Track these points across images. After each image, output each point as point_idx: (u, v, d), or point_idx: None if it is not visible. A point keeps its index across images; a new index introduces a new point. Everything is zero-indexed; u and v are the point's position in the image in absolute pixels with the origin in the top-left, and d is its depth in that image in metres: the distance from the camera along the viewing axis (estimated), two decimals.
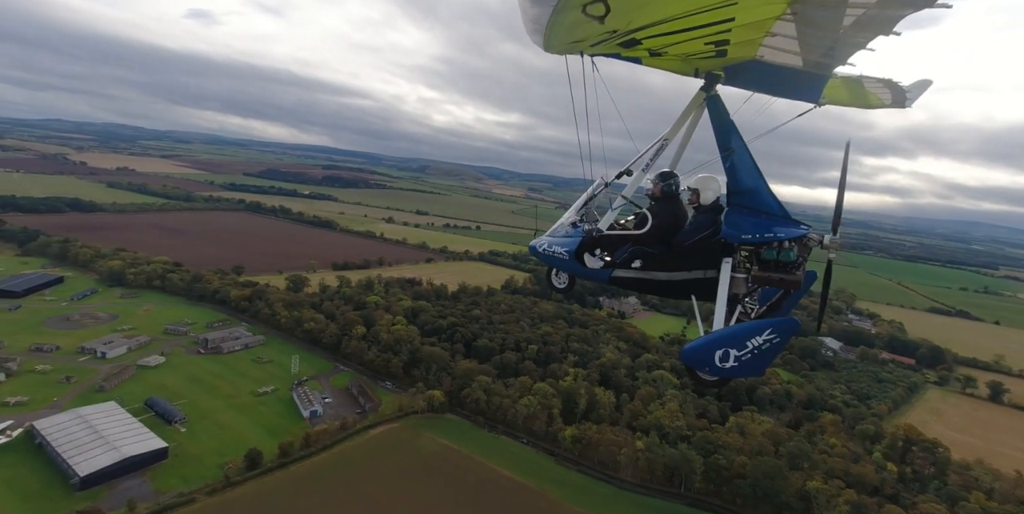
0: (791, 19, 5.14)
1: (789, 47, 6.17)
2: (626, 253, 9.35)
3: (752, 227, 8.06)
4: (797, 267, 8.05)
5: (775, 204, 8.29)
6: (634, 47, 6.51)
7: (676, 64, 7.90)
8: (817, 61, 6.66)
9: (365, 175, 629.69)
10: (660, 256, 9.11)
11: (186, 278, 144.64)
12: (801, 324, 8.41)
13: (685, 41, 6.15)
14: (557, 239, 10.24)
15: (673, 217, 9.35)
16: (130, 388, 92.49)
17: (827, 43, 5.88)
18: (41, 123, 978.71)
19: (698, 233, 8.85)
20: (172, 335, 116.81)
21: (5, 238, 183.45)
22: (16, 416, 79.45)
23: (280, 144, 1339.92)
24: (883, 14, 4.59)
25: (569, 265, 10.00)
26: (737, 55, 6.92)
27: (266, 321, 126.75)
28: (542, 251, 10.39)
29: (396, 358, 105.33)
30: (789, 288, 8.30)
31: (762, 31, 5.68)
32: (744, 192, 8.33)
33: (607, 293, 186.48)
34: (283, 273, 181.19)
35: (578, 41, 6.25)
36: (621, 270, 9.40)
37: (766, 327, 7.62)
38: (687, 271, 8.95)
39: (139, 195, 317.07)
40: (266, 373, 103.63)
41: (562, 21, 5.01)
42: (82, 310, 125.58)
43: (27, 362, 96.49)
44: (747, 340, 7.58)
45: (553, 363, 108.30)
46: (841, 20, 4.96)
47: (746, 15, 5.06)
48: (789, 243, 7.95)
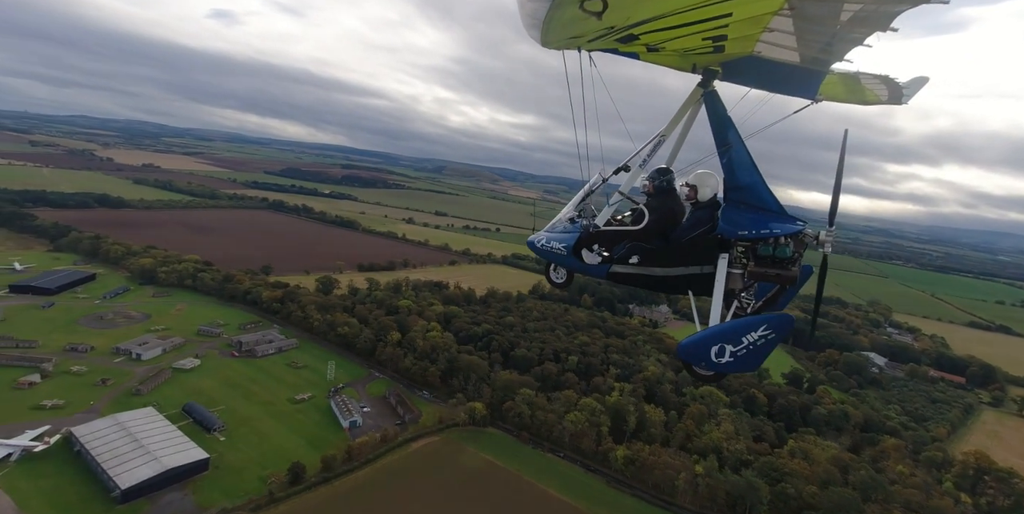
0: (789, 15, 5.11)
1: (786, 43, 6.12)
2: (624, 249, 9.30)
3: (748, 223, 8.00)
4: (793, 263, 7.97)
5: (772, 200, 8.14)
6: (632, 43, 6.44)
7: (673, 59, 7.79)
8: (814, 57, 6.67)
9: (383, 175, 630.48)
10: (657, 252, 9.06)
11: (217, 278, 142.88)
12: (796, 320, 8.12)
13: (683, 36, 6.03)
14: (555, 235, 10.21)
15: (670, 213, 9.31)
16: (166, 392, 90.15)
17: (824, 39, 5.87)
18: (67, 119, 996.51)
19: (695, 229, 8.81)
20: (205, 336, 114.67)
21: (37, 233, 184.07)
22: (53, 420, 77.29)
23: (298, 143, 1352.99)
24: (880, 10, 4.56)
25: (567, 260, 9.99)
26: (734, 51, 6.87)
27: (298, 324, 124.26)
28: (540, 246, 10.33)
29: (433, 367, 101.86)
30: (785, 284, 8.19)
31: (759, 27, 5.63)
32: (741, 188, 8.24)
33: (637, 300, 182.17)
34: (310, 273, 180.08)
35: (576, 37, 6.17)
36: (619, 266, 9.35)
37: (761, 323, 7.61)
38: (684, 267, 8.88)
39: (165, 192, 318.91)
40: (302, 379, 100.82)
41: (560, 16, 4.90)
42: (115, 308, 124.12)
43: (62, 363, 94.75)
44: (743, 336, 7.56)
45: (595, 376, 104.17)
46: (838, 16, 4.93)
47: (744, 11, 5.01)
48: (785, 239, 7.89)
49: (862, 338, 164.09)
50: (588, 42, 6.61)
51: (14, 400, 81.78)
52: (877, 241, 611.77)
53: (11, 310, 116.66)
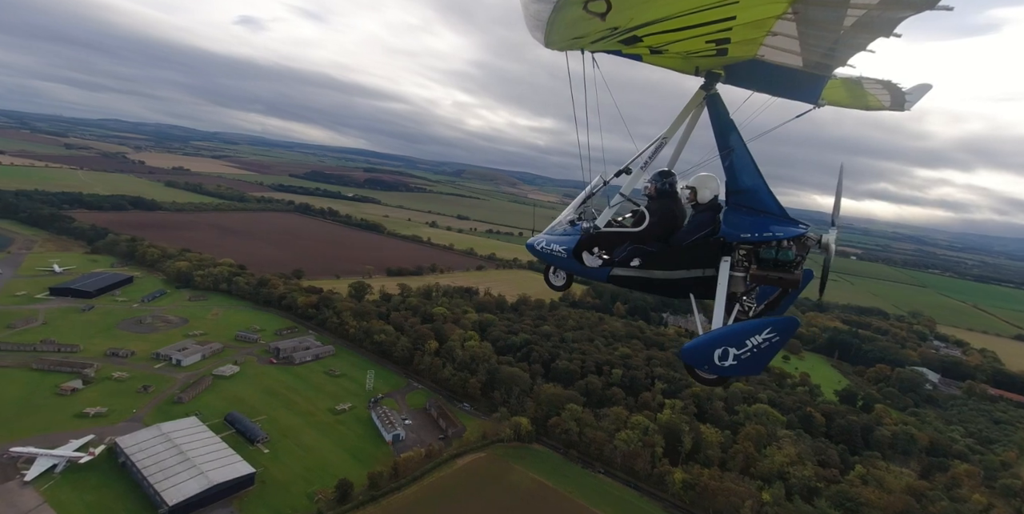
0: (792, 19, 5.09)
1: (790, 47, 6.10)
2: (625, 252, 9.16)
3: (751, 226, 7.96)
4: (795, 266, 7.90)
5: (774, 203, 8.07)
6: (635, 44, 6.37)
7: (677, 62, 7.69)
8: (817, 61, 6.59)
9: (404, 178, 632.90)
10: (659, 255, 8.93)
11: (252, 282, 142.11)
12: (800, 323, 8.20)
13: (686, 39, 6.00)
14: (555, 237, 10.02)
15: (671, 215, 9.22)
16: (208, 400, 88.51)
17: (828, 44, 5.82)
18: (99, 122, 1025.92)
19: (697, 231, 8.73)
20: (243, 342, 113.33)
21: (75, 235, 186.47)
22: (96, 429, 76.00)
23: (320, 146, 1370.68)
24: (884, 15, 4.53)
25: (567, 263, 9.80)
26: (738, 54, 6.81)
27: (334, 330, 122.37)
28: (540, 249, 10.14)
29: (473, 378, 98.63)
30: (787, 287, 8.13)
31: (763, 30, 5.59)
32: (743, 191, 8.17)
33: (670, 309, 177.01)
34: (340, 277, 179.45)
35: (579, 38, 6.10)
36: (620, 269, 9.18)
37: (765, 326, 7.49)
38: (686, 270, 8.70)
39: (195, 195, 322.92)
40: (340, 388, 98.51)
41: (563, 18, 4.88)
42: (153, 312, 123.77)
43: (104, 368, 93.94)
44: (746, 339, 7.46)
45: (641, 391, 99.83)
46: (842, 21, 4.89)
47: (747, 14, 4.98)
48: (788, 242, 7.84)
49: (910, 352, 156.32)
50: (591, 43, 6.52)
51: (57, 407, 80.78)
52: (908, 248, 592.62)
53: (52, 313, 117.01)
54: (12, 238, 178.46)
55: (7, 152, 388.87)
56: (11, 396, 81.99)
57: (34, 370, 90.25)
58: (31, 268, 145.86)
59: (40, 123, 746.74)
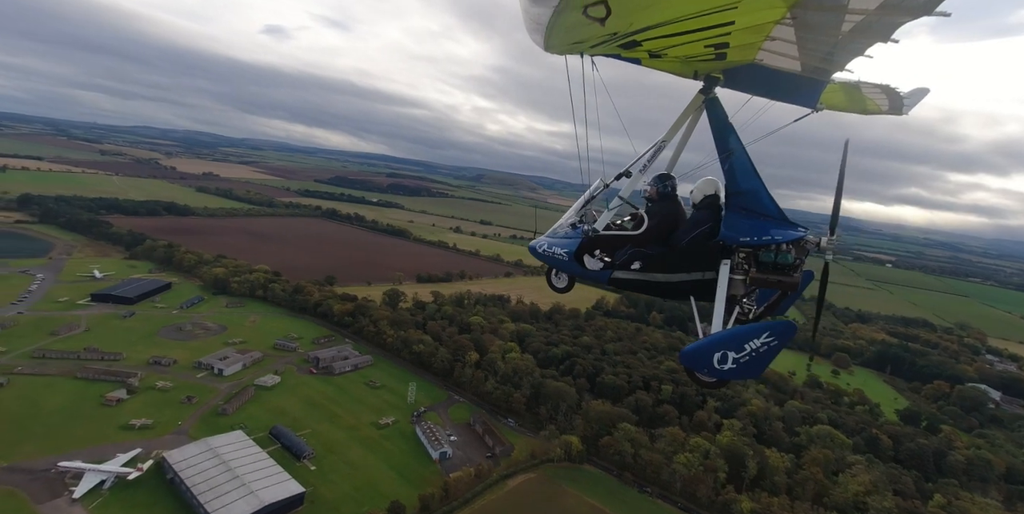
0: (791, 24, 5.09)
1: (788, 51, 6.12)
2: (625, 255, 9.15)
3: (750, 229, 7.93)
4: (795, 269, 7.86)
5: (773, 206, 8.00)
6: (634, 48, 6.37)
7: (676, 66, 7.77)
8: (816, 66, 6.62)
9: (426, 184, 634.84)
10: (659, 258, 8.89)
11: (287, 289, 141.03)
12: (798, 328, 7.81)
13: (685, 43, 6.04)
14: (557, 240, 10.01)
15: (670, 218, 9.21)
16: (251, 412, 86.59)
17: (826, 48, 5.83)
18: (131, 129, 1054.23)
19: (695, 228, 8.70)
20: (282, 351, 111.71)
21: (113, 241, 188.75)
22: (142, 442, 74.39)
23: (342, 152, 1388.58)
24: (882, 21, 4.54)
25: (569, 266, 9.80)
26: (736, 58, 6.81)
27: (371, 339, 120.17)
28: (542, 252, 10.15)
29: (517, 392, 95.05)
30: (787, 290, 8.04)
31: (762, 35, 5.61)
32: (742, 194, 8.09)
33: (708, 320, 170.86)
34: (371, 284, 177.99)
35: (578, 42, 6.09)
36: (621, 271, 9.18)
37: (764, 330, 7.48)
38: (686, 273, 8.67)
39: (226, 200, 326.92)
40: (381, 400, 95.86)
41: (563, 22, 4.87)
42: (192, 319, 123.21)
43: (147, 377, 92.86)
44: (745, 343, 7.47)
45: (693, 408, 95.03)
46: (840, 26, 4.90)
47: (746, 19, 4.99)
48: (787, 246, 7.78)
49: (966, 367, 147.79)
50: (591, 47, 6.45)
51: (103, 418, 79.57)
52: (942, 255, 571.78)
53: (94, 319, 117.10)
54: (53, 243, 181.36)
55: (45, 158, 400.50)
56: (57, 406, 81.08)
57: (79, 379, 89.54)
58: (72, 274, 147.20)
59: (76, 130, 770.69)
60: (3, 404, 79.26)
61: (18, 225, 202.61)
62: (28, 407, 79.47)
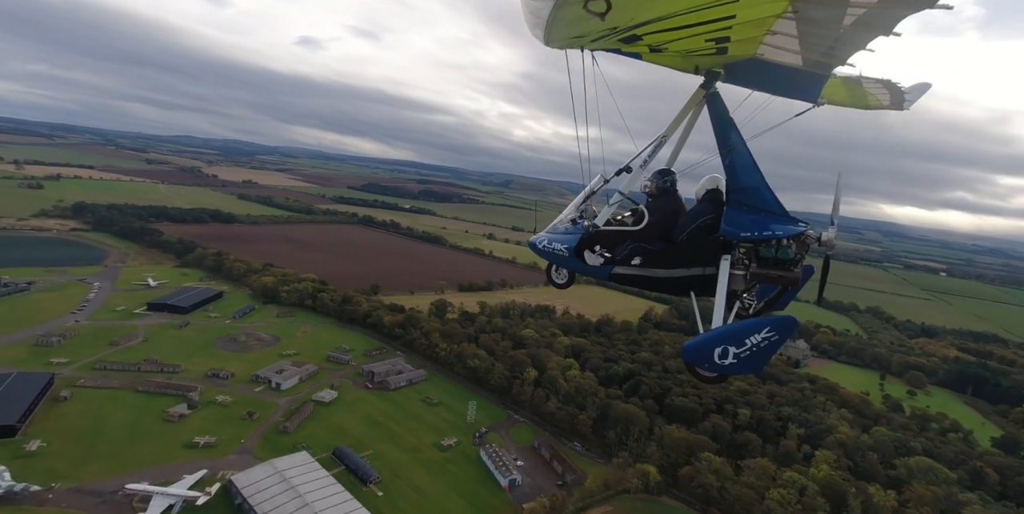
0: (792, 17, 5.05)
1: (789, 46, 6.07)
2: (626, 250, 9.08)
3: (751, 224, 7.86)
4: (795, 264, 7.81)
5: (774, 201, 7.96)
6: (635, 43, 6.33)
7: (676, 60, 7.62)
8: (817, 60, 6.57)
9: (456, 190, 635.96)
10: (660, 253, 8.82)
11: (336, 299, 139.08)
12: (798, 322, 7.87)
13: (686, 38, 5.96)
14: (557, 235, 9.93)
15: (670, 213, 9.20)
16: (311, 429, 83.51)
17: (827, 42, 5.80)
18: (174, 139, 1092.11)
19: (695, 221, 8.69)
20: (335, 364, 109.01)
21: (164, 248, 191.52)
22: (207, 462, 71.82)
23: (372, 159, 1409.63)
24: (884, 14, 4.53)
25: (569, 262, 9.74)
26: (737, 53, 6.77)
27: (422, 352, 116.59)
28: (542, 247, 10.10)
29: (583, 414, 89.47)
30: (787, 285, 8.11)
31: (763, 29, 5.57)
32: (743, 189, 8.05)
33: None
34: (414, 293, 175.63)
35: (579, 36, 6.07)
36: (621, 267, 9.14)
37: (764, 325, 7.38)
38: (686, 268, 8.61)
39: (266, 207, 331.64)
40: (440, 419, 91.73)
41: (563, 16, 4.85)
42: (246, 329, 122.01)
43: (207, 391, 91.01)
44: (746, 338, 7.33)
45: (771, 434, 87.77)
46: (842, 19, 4.87)
47: (747, 13, 4.95)
48: (787, 241, 7.72)
49: None
50: (591, 42, 6.46)
51: (167, 435, 77.50)
52: (994, 262, 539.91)
53: (151, 329, 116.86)
54: (107, 251, 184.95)
55: (96, 167, 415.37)
56: (121, 421, 79.52)
57: (141, 392, 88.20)
58: (127, 282, 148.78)
59: (123, 140, 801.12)
60: (68, 419, 78.08)
61: (74, 233, 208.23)
62: (93, 422, 78.09)
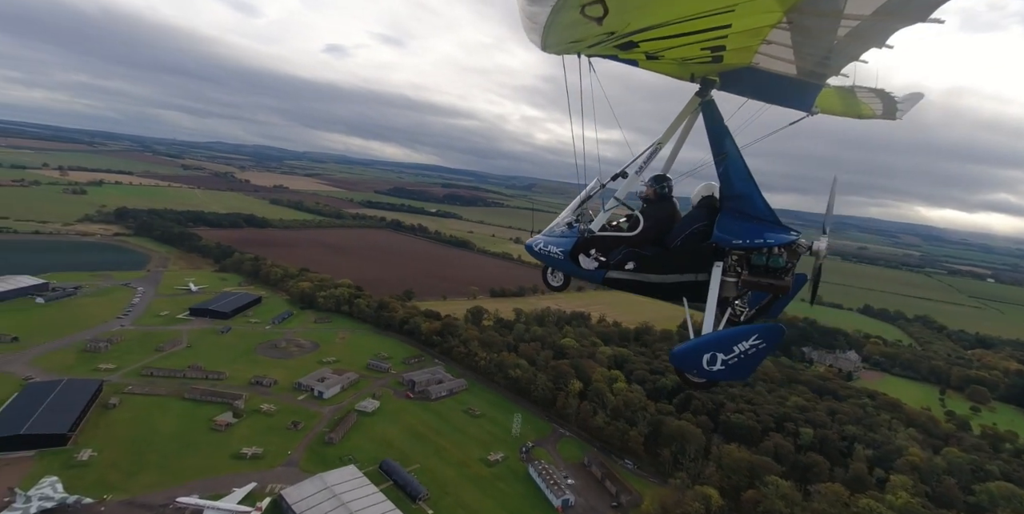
0: (787, 28, 5.08)
1: (784, 55, 6.14)
2: (620, 255, 9.14)
3: (743, 232, 7.89)
4: (786, 272, 7.85)
5: (766, 209, 8.00)
6: (631, 49, 6.35)
7: (672, 68, 7.68)
8: (811, 70, 6.69)
9: (481, 193, 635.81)
10: (653, 258, 8.88)
11: (372, 305, 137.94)
12: (786, 330, 7.98)
13: (682, 45, 5.98)
14: (553, 239, 10.06)
15: (665, 219, 9.20)
16: (356, 441, 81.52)
17: (821, 53, 5.90)
18: (207, 145, 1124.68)
19: (689, 226, 8.76)
20: (375, 372, 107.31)
21: (202, 253, 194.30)
22: (255, 475, 70.30)
23: (397, 163, 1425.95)
24: (877, 27, 4.57)
25: (564, 265, 9.82)
26: (733, 61, 6.79)
27: (461, 361, 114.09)
28: (538, 250, 10.24)
29: (634, 430, 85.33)
30: (778, 293, 8.09)
31: (758, 38, 5.60)
32: (736, 197, 8.06)
33: (811, 342, 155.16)
34: (447, 298, 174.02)
35: (576, 42, 6.08)
36: (615, 271, 9.18)
37: (753, 332, 7.43)
38: (679, 274, 8.68)
39: (297, 211, 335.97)
40: (484, 431, 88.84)
41: (560, 21, 4.85)
42: (285, 335, 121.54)
43: (251, 399, 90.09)
44: (734, 345, 7.40)
45: (834, 453, 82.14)
46: (836, 31, 4.94)
47: (743, 22, 4.96)
48: (779, 249, 7.78)
49: None
50: (588, 47, 6.42)
51: (214, 446, 76.45)
52: None
53: (194, 335, 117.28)
54: (149, 256, 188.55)
55: (135, 173, 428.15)
56: (169, 430, 78.88)
57: (187, 400, 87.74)
58: (169, 287, 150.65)
59: (159, 146, 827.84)
60: (118, 428, 77.78)
61: (117, 238, 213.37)
62: (142, 431, 77.61)
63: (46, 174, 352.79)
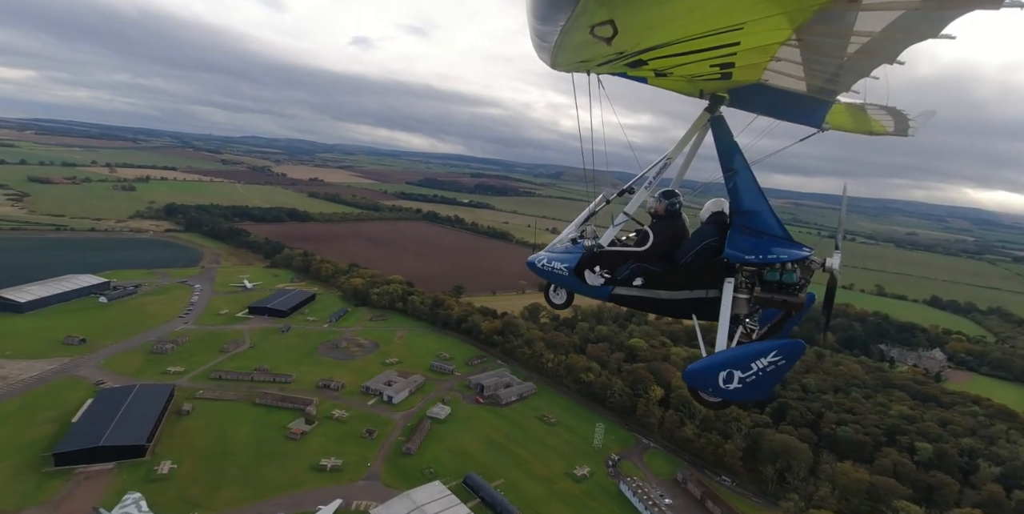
0: (796, 45, 5.05)
1: (794, 72, 6.10)
2: (627, 271, 8.83)
3: (755, 248, 7.68)
4: (799, 289, 7.59)
5: (777, 225, 7.79)
6: (640, 67, 6.27)
7: (681, 85, 7.51)
8: (821, 87, 6.60)
9: (511, 183, 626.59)
10: (662, 275, 8.61)
11: (427, 302, 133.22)
12: (806, 346, 7.36)
13: (691, 63, 5.90)
14: (556, 255, 9.76)
15: (674, 235, 8.98)
16: (434, 452, 76.73)
17: (831, 69, 5.85)
18: (242, 139, 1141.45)
19: (699, 242, 8.49)
20: (439, 374, 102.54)
21: (252, 248, 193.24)
22: (338, 490, 66.14)
23: (423, 153, 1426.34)
24: (887, 43, 4.48)
25: (569, 281, 9.54)
26: (742, 78, 6.61)
27: (525, 362, 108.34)
28: (541, 267, 9.92)
29: (729, 443, 78.02)
30: (791, 310, 7.71)
31: (767, 56, 5.55)
32: (747, 213, 7.86)
33: (888, 339, 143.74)
34: (496, 293, 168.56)
35: (585, 61, 6.04)
36: (622, 288, 8.90)
37: (772, 349, 7.07)
38: (689, 290, 8.38)
39: (334, 204, 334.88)
40: (563, 442, 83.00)
41: (570, 41, 4.76)
42: (344, 334, 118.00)
43: (321, 403, 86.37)
44: (752, 362, 7.08)
45: (952, 468, 73.22)
46: (846, 47, 4.87)
47: (752, 40, 4.90)
48: (792, 265, 7.54)
49: None
50: (597, 66, 6.40)
51: (292, 455, 72.70)
52: None
53: (256, 334, 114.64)
54: (201, 252, 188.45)
55: (178, 168, 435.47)
56: (246, 439, 75.56)
57: (257, 405, 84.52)
58: (225, 284, 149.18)
59: (198, 142, 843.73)
60: (194, 437, 74.73)
61: (168, 234, 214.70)
62: (218, 440, 74.44)
63: (95, 171, 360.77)
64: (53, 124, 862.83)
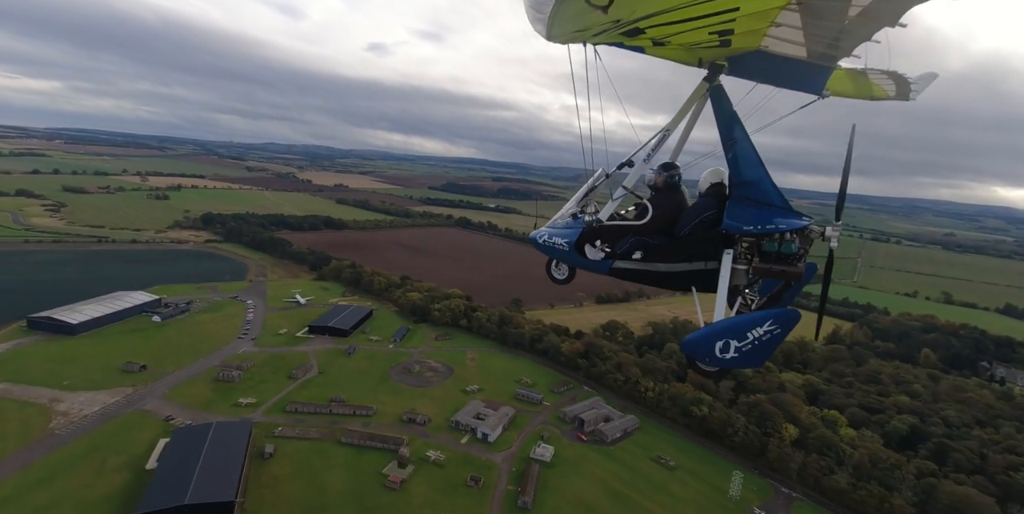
0: (796, 9, 4.91)
1: (794, 38, 5.92)
2: (627, 244, 8.85)
3: (754, 218, 7.54)
4: (798, 259, 7.50)
5: (777, 195, 7.62)
6: (637, 36, 6.11)
7: (679, 54, 7.42)
8: (822, 52, 6.41)
9: (533, 186, 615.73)
10: (661, 247, 8.61)
11: (493, 319, 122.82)
12: (801, 315, 7.22)
13: (689, 31, 5.76)
14: (557, 230, 9.83)
15: (674, 208, 8.84)
16: (552, 504, 65.95)
17: (832, 34, 5.66)
18: (262, 146, 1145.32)
19: (698, 215, 8.36)
20: (527, 404, 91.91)
21: (295, 259, 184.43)
22: None
23: (438, 157, 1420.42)
24: (889, 5, 4.37)
25: (569, 256, 9.61)
26: (741, 45, 6.47)
27: (616, 389, 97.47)
28: (542, 242, 10.05)
29: (897, 497, 66.17)
30: (790, 280, 7.66)
31: (767, 21, 5.38)
32: (746, 183, 7.68)
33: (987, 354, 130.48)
34: (554, 306, 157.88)
35: (581, 30, 5.92)
36: (621, 261, 8.94)
37: (767, 318, 7.14)
38: (688, 262, 8.43)
39: (366, 211, 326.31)
40: (691, 491, 71.81)
41: (565, 10, 4.75)
42: (413, 355, 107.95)
43: (413, 442, 76.14)
44: (748, 331, 7.13)
45: None
46: (847, 10, 4.75)
47: (751, 5, 4.80)
48: (791, 235, 7.45)
49: None
50: (593, 36, 6.30)
51: (397, 511, 62.46)
52: None
53: (321, 357, 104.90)
54: (245, 264, 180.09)
55: (206, 176, 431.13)
56: (341, 488, 65.45)
57: (344, 445, 74.59)
58: (277, 299, 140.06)
59: (220, 149, 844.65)
60: (285, 488, 64.67)
61: (209, 245, 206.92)
62: (312, 493, 64.23)
63: (127, 180, 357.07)
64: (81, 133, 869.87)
